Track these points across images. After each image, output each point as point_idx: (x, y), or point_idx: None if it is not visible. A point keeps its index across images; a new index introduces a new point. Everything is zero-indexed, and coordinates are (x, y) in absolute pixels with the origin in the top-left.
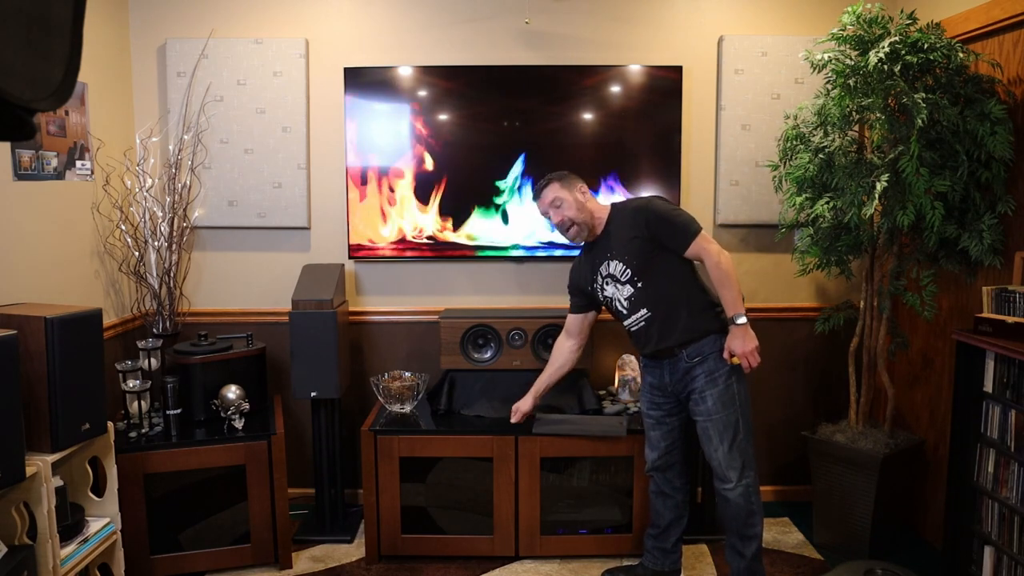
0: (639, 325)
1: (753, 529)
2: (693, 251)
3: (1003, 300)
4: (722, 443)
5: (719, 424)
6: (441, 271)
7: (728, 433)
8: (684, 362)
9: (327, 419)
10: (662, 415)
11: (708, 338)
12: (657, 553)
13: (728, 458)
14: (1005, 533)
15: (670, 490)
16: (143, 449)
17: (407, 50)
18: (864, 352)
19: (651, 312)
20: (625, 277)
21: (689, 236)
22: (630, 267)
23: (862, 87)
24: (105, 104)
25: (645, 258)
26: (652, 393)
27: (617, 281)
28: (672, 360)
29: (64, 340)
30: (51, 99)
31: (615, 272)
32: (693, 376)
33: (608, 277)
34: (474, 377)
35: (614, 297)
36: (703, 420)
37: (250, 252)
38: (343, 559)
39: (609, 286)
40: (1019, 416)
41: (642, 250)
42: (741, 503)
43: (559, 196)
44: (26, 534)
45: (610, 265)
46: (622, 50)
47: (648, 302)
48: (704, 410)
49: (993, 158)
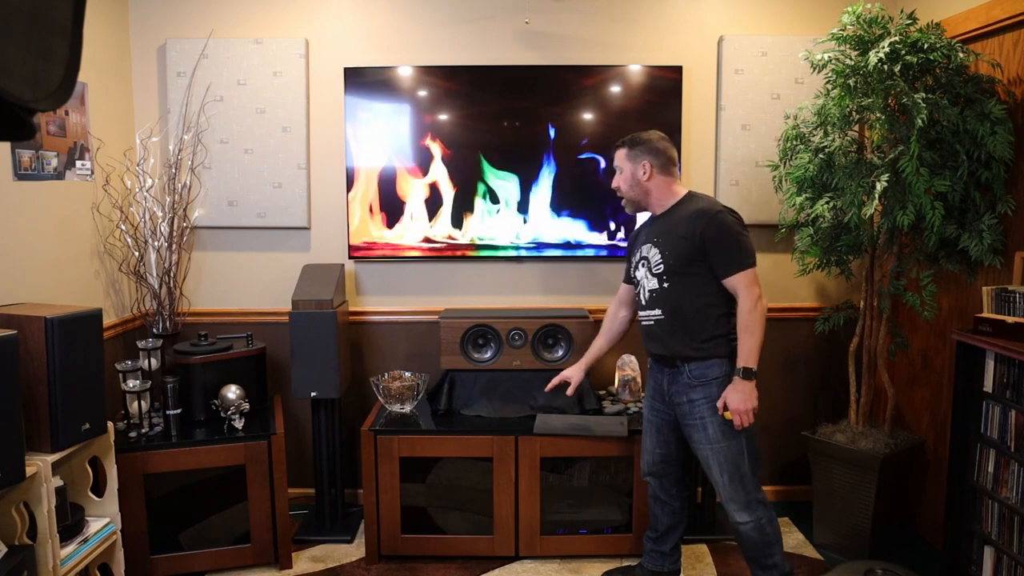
0: (649, 323)
1: (772, 559)
2: (733, 283)
3: (1003, 300)
4: (722, 475)
5: (720, 455)
6: (441, 271)
7: (728, 465)
8: (686, 378)
9: (327, 419)
10: (659, 422)
11: (713, 361)
12: (656, 555)
13: (730, 491)
14: (1005, 533)
15: (666, 497)
16: (143, 449)
17: (407, 50)
18: (864, 352)
19: (664, 315)
20: (657, 270)
21: (737, 267)
22: (664, 263)
23: (862, 87)
24: (105, 104)
25: (683, 262)
26: (652, 398)
27: (649, 269)
28: (673, 372)
29: (64, 340)
30: (51, 99)
31: (651, 259)
32: (692, 399)
33: (643, 260)
34: (474, 377)
35: (641, 282)
36: (703, 447)
37: (250, 252)
38: (343, 559)
39: (641, 269)
40: (1019, 416)
41: (684, 254)
42: (755, 537)
43: (620, 164)
44: (26, 534)
45: (651, 251)
46: (622, 50)
47: (666, 305)
48: (704, 438)
49: (993, 158)
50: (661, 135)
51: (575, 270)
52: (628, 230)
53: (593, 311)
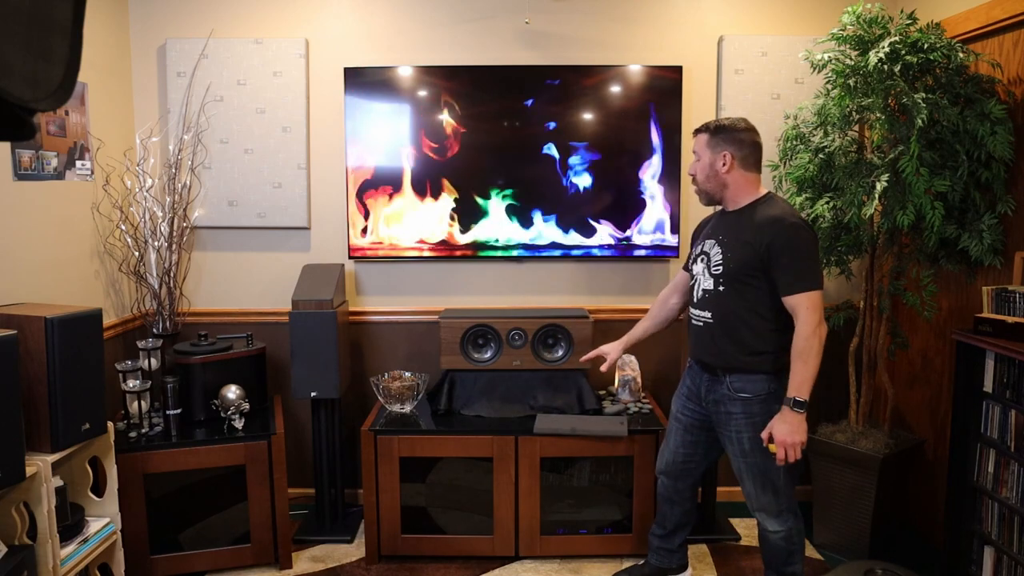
0: (698, 323)
1: (792, 568)
2: (794, 303)
3: (1003, 300)
4: (754, 486)
5: (754, 468)
6: (441, 271)
7: (761, 478)
8: (725, 389)
9: (327, 419)
10: (690, 423)
11: (758, 376)
12: (663, 552)
13: (763, 501)
14: (1005, 533)
15: (679, 499)
16: (143, 449)
17: (407, 50)
18: (864, 352)
19: (714, 319)
20: (716, 270)
21: (800, 285)
22: (724, 265)
23: (862, 87)
24: (105, 104)
25: (743, 268)
26: (686, 398)
27: (707, 267)
28: (713, 380)
29: (64, 340)
30: (51, 99)
31: (711, 256)
32: (730, 412)
33: (703, 256)
34: (474, 377)
35: (697, 278)
36: (736, 459)
37: (250, 252)
38: (343, 559)
39: (699, 264)
40: (1019, 416)
41: (746, 259)
42: (782, 545)
43: (699, 151)
44: (26, 534)
45: (713, 247)
46: (622, 50)
47: (717, 309)
48: (740, 451)
49: (993, 158)
50: (749, 124)
51: (575, 270)
52: (626, 229)
53: (593, 311)
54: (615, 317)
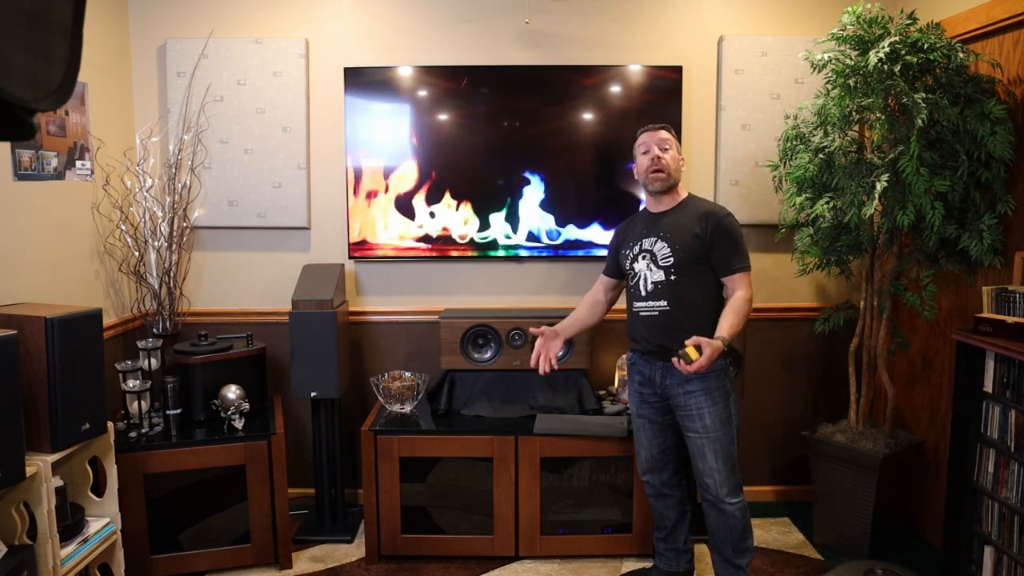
0: (651, 313)
1: (747, 543)
2: (735, 280)
3: (1003, 300)
4: (717, 461)
5: (716, 443)
6: (441, 271)
7: (723, 452)
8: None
9: (327, 419)
10: (653, 413)
11: None
12: (670, 554)
13: (724, 475)
14: (1005, 533)
15: (668, 490)
16: (143, 449)
17: (407, 50)
18: (864, 352)
19: (670, 307)
20: (665, 263)
21: (740, 265)
22: (675, 257)
23: (862, 87)
24: (105, 104)
25: (692, 257)
26: (642, 390)
27: (654, 262)
28: (667, 364)
29: (64, 340)
30: (51, 99)
31: (657, 253)
32: (689, 391)
33: (646, 253)
34: (474, 377)
35: (641, 275)
36: (699, 436)
37: (250, 252)
38: (343, 559)
39: (642, 262)
40: (1019, 416)
41: (694, 249)
42: (739, 517)
43: (670, 143)
44: (26, 534)
45: (656, 244)
46: (622, 50)
47: (672, 297)
48: (702, 427)
49: (993, 158)
50: None
51: (575, 270)
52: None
53: None
54: (615, 317)
